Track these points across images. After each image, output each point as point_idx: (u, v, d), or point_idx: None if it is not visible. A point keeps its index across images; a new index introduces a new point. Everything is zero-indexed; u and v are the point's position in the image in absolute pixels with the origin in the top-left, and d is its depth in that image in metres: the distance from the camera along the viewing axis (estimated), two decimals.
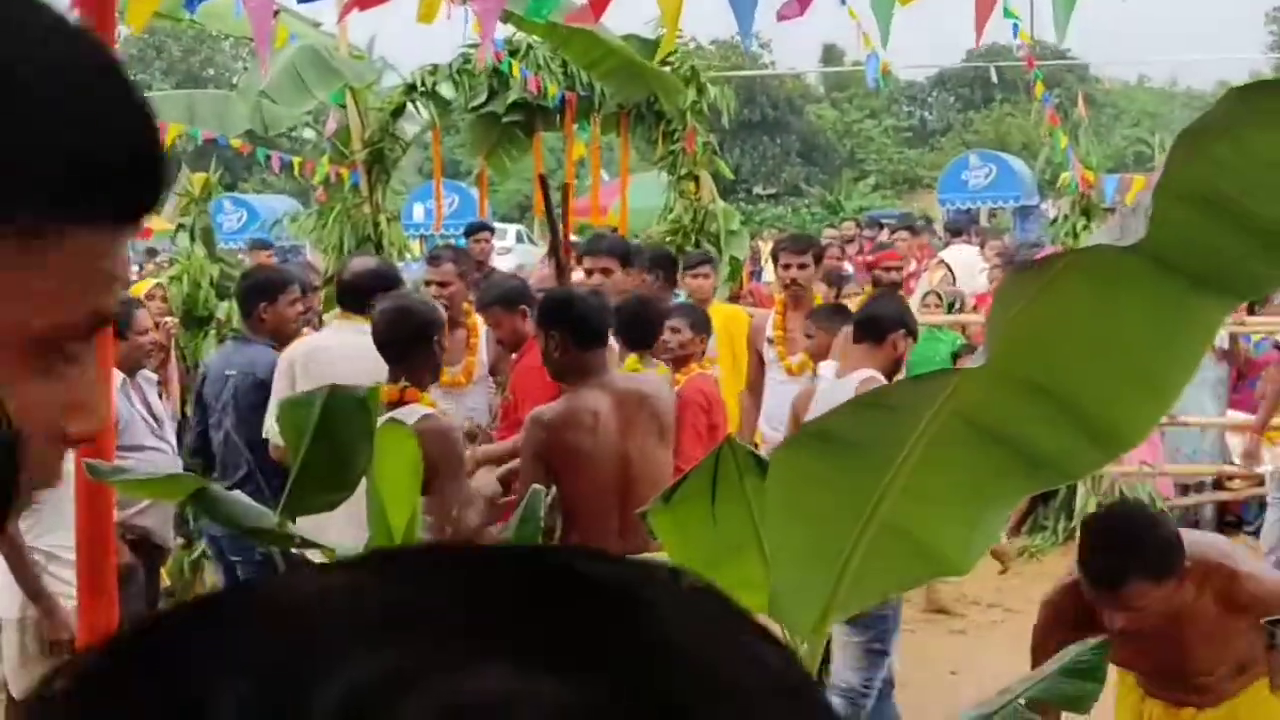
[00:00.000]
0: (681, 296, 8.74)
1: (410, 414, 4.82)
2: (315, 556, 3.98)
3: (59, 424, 0.90)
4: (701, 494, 2.89)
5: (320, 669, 0.40)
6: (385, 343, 5.24)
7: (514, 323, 6.71)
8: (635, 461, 5.12)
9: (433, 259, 7.50)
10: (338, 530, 4.29)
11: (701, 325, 7.04)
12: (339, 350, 6.06)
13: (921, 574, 2.52)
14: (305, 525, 3.62)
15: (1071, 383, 2.08)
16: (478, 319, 7.31)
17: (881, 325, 5.79)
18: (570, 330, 5.13)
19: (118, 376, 5.63)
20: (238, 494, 3.74)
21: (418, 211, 21.99)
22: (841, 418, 2.24)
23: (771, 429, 7.42)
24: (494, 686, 0.40)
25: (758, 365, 7.84)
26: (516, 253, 25.59)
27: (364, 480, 3.62)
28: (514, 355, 6.90)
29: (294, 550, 3.86)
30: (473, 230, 12.48)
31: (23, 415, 0.85)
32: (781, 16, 4.10)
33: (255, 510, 3.67)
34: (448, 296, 7.31)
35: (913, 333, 5.96)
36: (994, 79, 36.65)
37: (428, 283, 7.47)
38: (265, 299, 6.68)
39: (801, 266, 7.83)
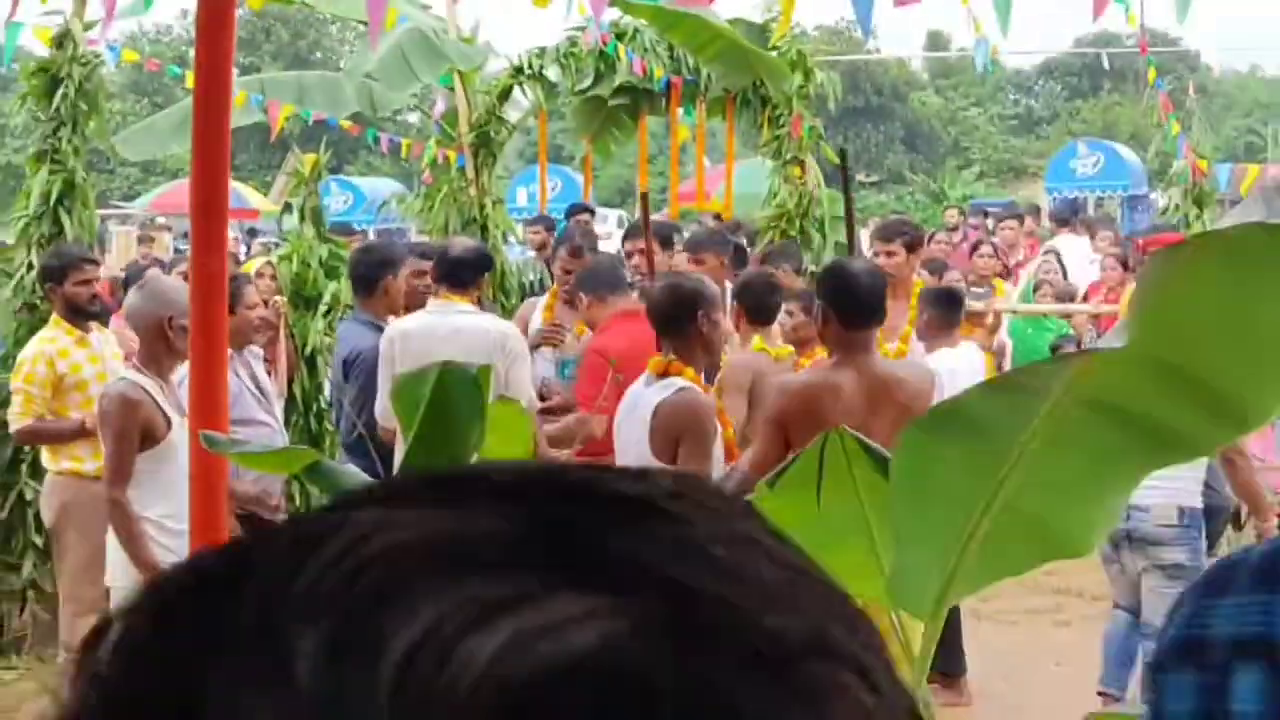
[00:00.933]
0: None
1: (669, 386, 4.96)
2: None
3: None
4: (807, 480, 2.86)
5: (394, 606, 0.41)
6: (656, 316, 5.44)
7: (605, 308, 6.72)
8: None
9: (575, 251, 7.68)
10: None
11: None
12: (439, 330, 6.14)
13: (1043, 555, 2.49)
14: None
15: (1204, 361, 2.04)
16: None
17: None
18: (837, 306, 5.22)
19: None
20: (350, 467, 3.77)
21: (521, 195, 22.09)
22: (971, 399, 2.22)
23: None
24: (560, 614, 0.41)
25: None
26: (617, 238, 25.62)
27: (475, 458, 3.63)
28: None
29: None
30: (574, 211, 12.54)
31: None
32: (899, 3, 4.07)
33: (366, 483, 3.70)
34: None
35: None
36: (1106, 66, 36.08)
37: (566, 271, 7.60)
38: (389, 271, 6.80)
39: (889, 254, 7.74)
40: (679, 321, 5.29)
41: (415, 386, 3.66)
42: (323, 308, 9.00)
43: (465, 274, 6.52)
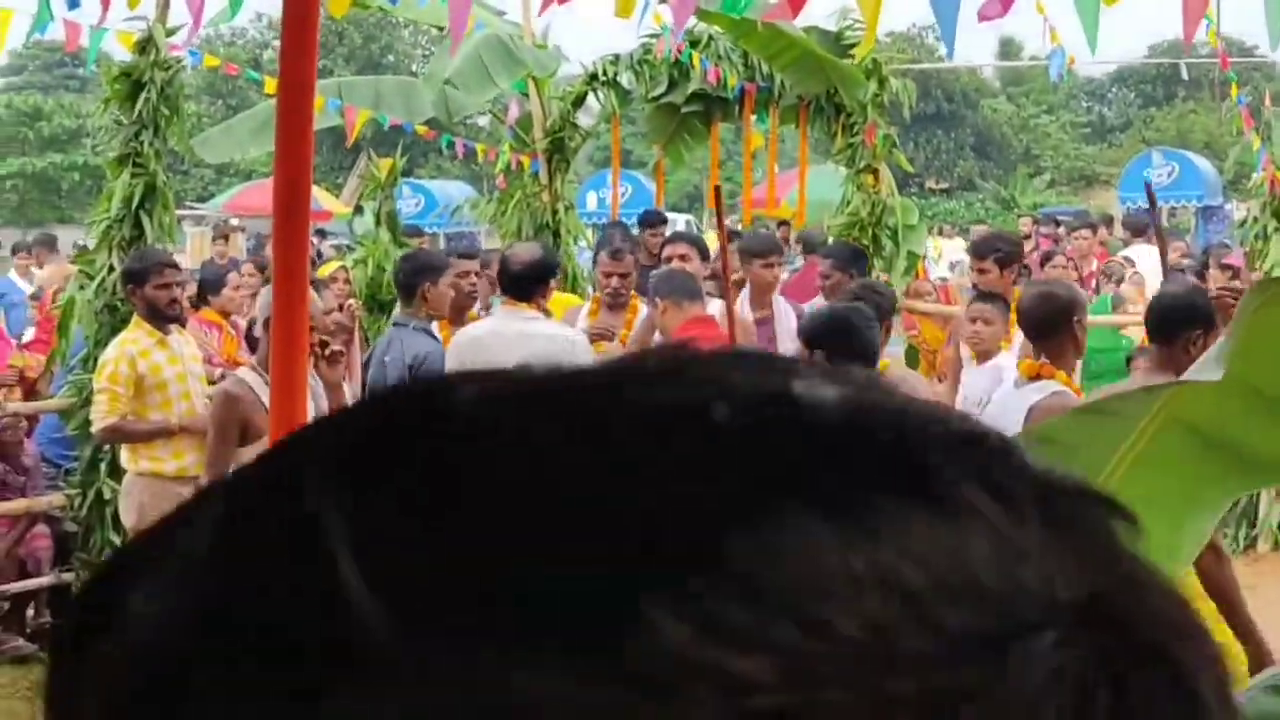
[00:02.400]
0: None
1: (1043, 389, 5.04)
2: None
3: None
4: None
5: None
6: (1029, 322, 5.63)
7: (680, 314, 6.73)
8: None
9: (615, 253, 7.62)
10: None
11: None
12: (507, 336, 6.18)
13: None
14: None
15: None
16: (639, 302, 7.61)
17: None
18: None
19: None
20: None
21: (591, 200, 22.14)
22: (1063, 424, 2.23)
23: None
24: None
25: (955, 360, 7.76)
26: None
27: None
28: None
29: None
30: (649, 223, 12.54)
31: None
32: (983, 17, 4.05)
33: None
34: (626, 288, 7.50)
35: None
36: (1185, 77, 35.67)
37: (607, 274, 7.57)
38: (428, 278, 6.84)
39: (982, 271, 7.71)
40: (1054, 327, 5.44)
41: None
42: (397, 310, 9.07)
43: (528, 286, 6.57)
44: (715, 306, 7.19)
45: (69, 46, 8.30)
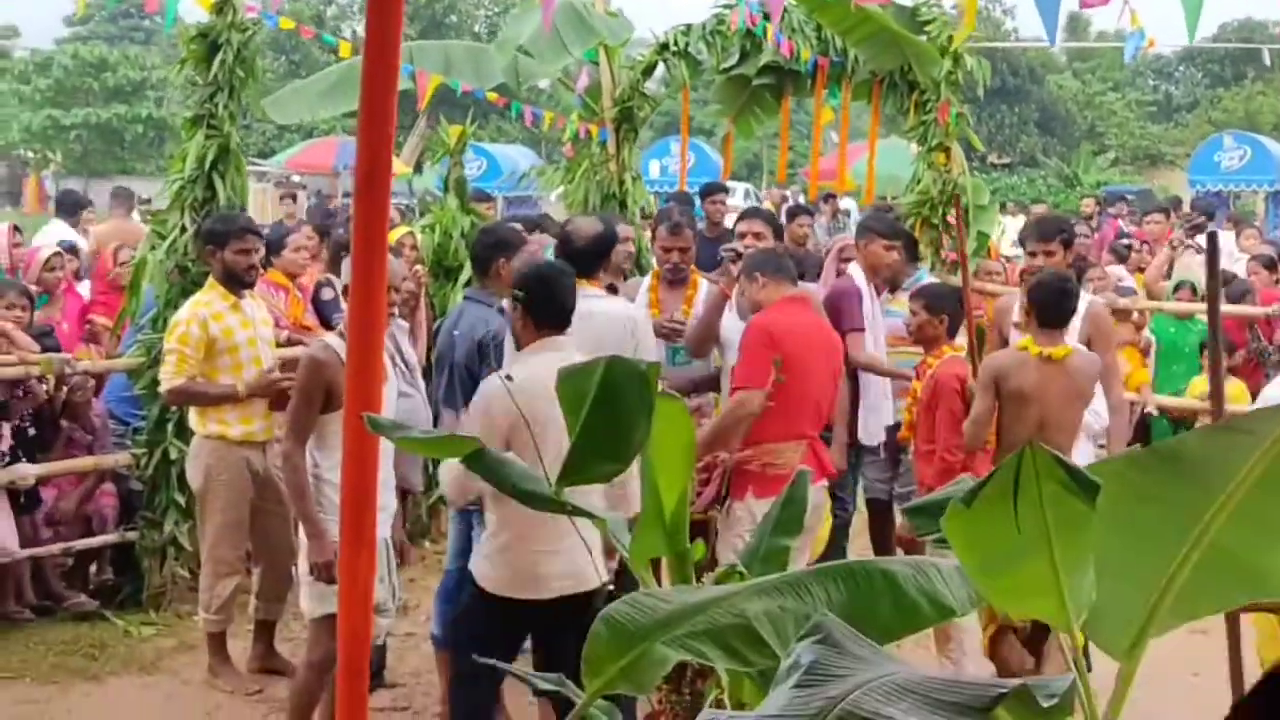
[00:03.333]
0: (923, 273, 8.59)
1: None
2: (584, 526, 3.98)
3: None
4: (1003, 496, 2.79)
5: None
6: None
7: (778, 291, 6.62)
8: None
9: (675, 228, 7.52)
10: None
11: (940, 306, 6.88)
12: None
13: (1248, 594, 2.41)
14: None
15: None
16: (699, 278, 7.54)
17: None
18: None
19: None
20: (512, 456, 3.75)
21: (653, 168, 22.07)
22: (1191, 441, 2.17)
23: None
24: None
25: (1001, 346, 7.59)
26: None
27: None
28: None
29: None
30: (710, 191, 12.50)
31: None
32: (1085, 4, 3.96)
33: (529, 474, 3.68)
34: (685, 263, 7.43)
35: None
36: (1267, 62, 35.08)
37: (666, 249, 7.50)
38: (504, 254, 6.75)
39: (1049, 254, 7.52)
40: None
41: (582, 378, 3.64)
42: (463, 277, 9.04)
43: (591, 262, 6.49)
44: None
45: (149, 6, 8.29)
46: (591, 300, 6.33)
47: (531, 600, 5.39)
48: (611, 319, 6.29)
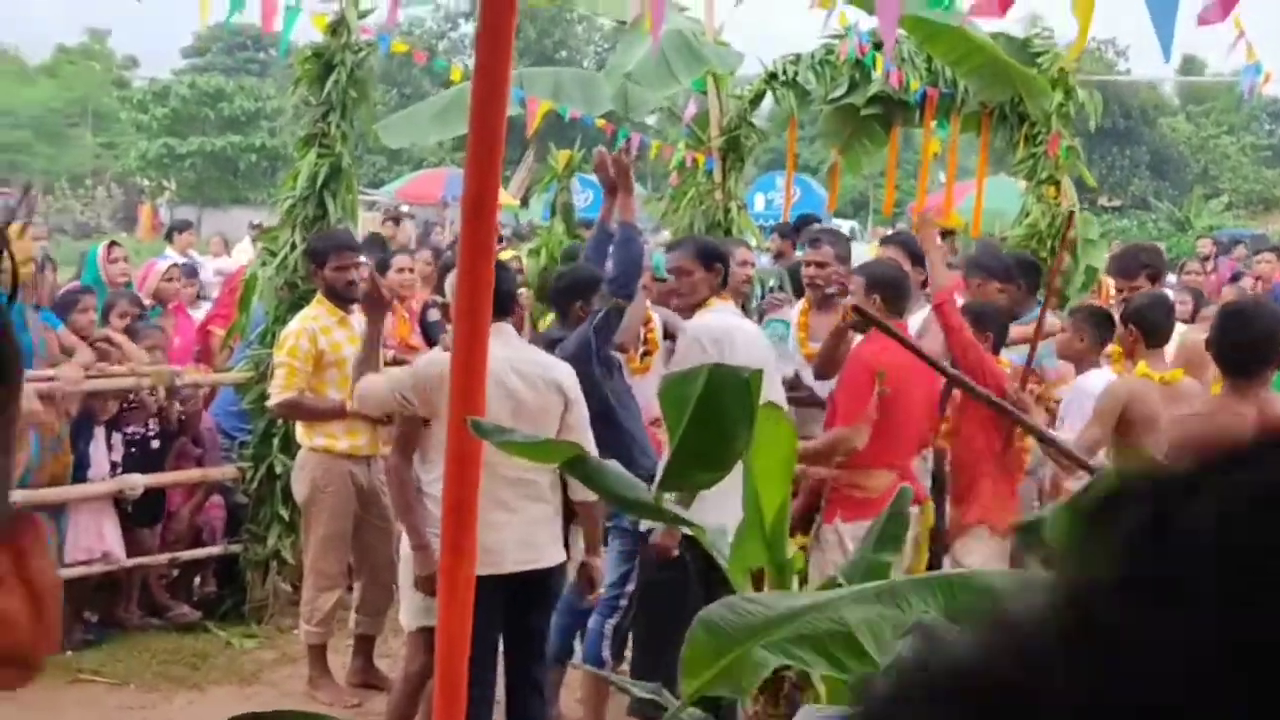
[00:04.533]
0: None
1: None
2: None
3: None
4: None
5: None
6: None
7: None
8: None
9: (813, 242, 7.60)
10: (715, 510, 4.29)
11: (983, 323, 6.81)
12: (747, 334, 6.29)
13: None
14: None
15: None
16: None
17: None
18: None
19: None
20: (614, 464, 3.76)
21: (758, 201, 22.06)
22: None
23: None
24: None
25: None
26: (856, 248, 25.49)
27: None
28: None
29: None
30: (804, 221, 12.46)
31: None
32: (1202, 21, 3.91)
33: (630, 482, 3.68)
34: (824, 277, 7.42)
35: None
36: None
37: (807, 263, 7.55)
38: (580, 298, 6.65)
39: (1135, 289, 7.41)
40: None
41: (684, 385, 3.64)
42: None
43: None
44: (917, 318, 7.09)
45: (265, 27, 8.44)
46: (739, 318, 6.51)
47: (489, 575, 5.22)
48: (756, 334, 6.55)
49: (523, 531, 5.60)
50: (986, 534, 6.43)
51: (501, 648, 5.77)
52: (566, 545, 5.99)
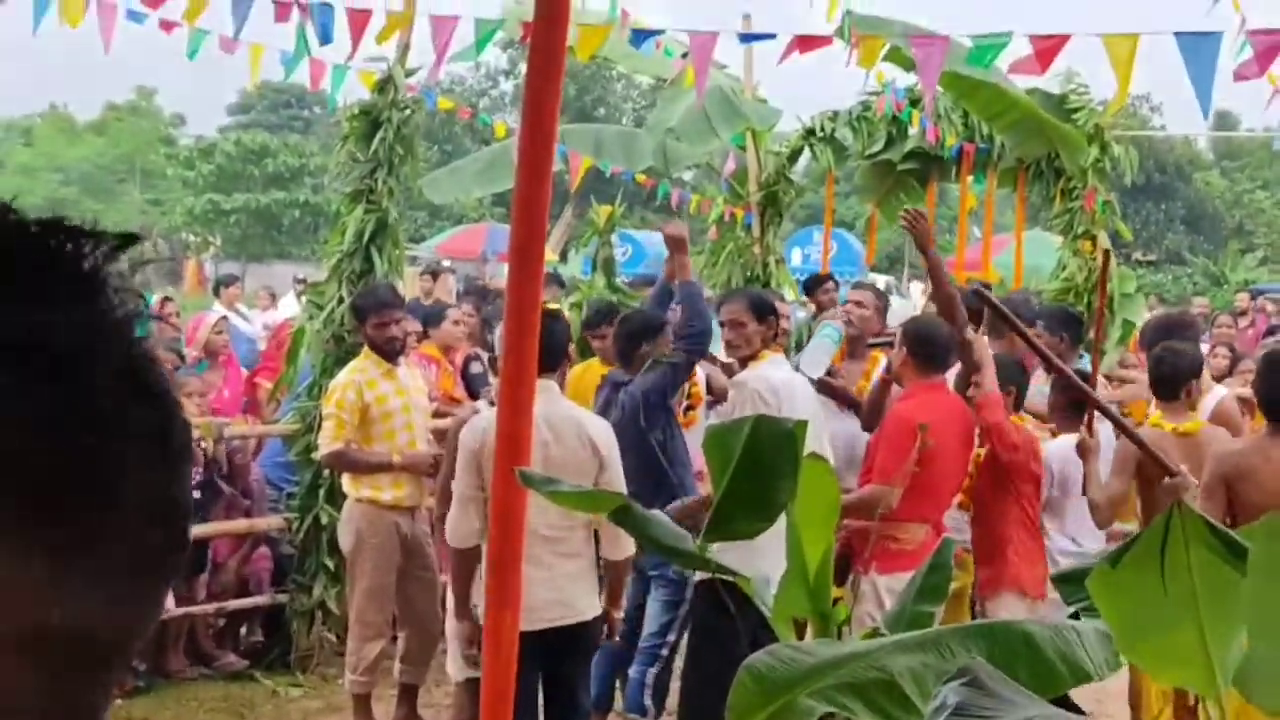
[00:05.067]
0: (1085, 359, 8.48)
1: None
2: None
3: None
4: (1150, 559, 2.77)
5: None
6: None
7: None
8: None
9: (857, 285, 7.69)
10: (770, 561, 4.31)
11: (1005, 379, 6.83)
12: (792, 386, 6.33)
13: None
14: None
15: None
16: (880, 354, 7.63)
17: None
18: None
19: None
20: (658, 514, 3.79)
21: (795, 255, 22.12)
22: None
23: None
24: None
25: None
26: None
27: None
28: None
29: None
30: (815, 284, 12.27)
31: None
32: (1239, 76, 3.95)
33: (674, 532, 3.71)
34: (859, 318, 7.48)
35: None
36: None
37: (852, 302, 7.64)
38: (645, 341, 6.80)
39: None
40: None
41: (729, 436, 3.67)
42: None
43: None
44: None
45: (312, 85, 8.57)
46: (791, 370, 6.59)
47: (524, 631, 5.31)
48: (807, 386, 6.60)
49: (556, 587, 5.63)
50: (1015, 598, 6.37)
51: (541, 699, 5.79)
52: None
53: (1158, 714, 6.43)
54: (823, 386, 7.16)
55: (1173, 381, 6.52)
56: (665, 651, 6.48)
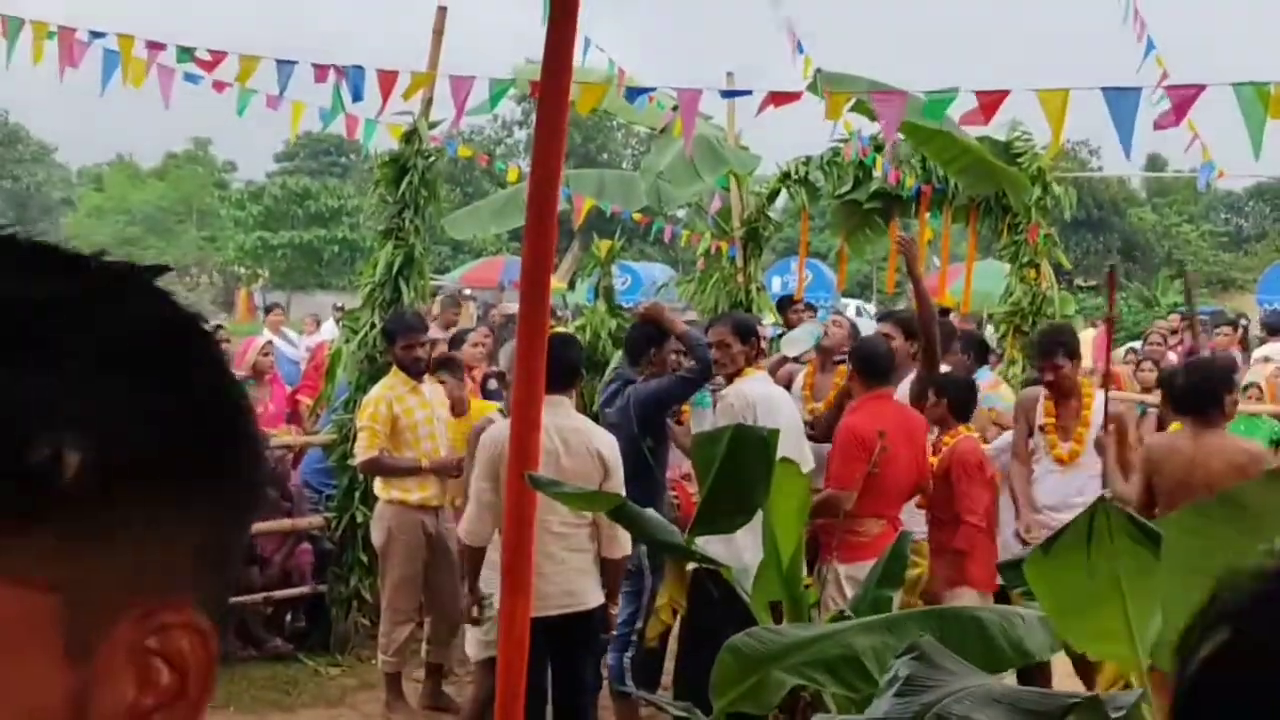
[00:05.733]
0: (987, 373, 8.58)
1: None
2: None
3: None
4: (1078, 547, 2.79)
5: None
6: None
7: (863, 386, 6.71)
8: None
9: (837, 313, 7.77)
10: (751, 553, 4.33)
11: (943, 391, 6.86)
12: (772, 401, 6.34)
13: None
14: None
15: None
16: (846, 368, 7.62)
17: None
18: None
19: None
20: (651, 511, 3.82)
21: (775, 283, 22.12)
22: (1250, 489, 2.17)
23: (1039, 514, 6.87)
24: None
25: (1025, 438, 7.18)
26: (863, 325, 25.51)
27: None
28: None
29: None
30: (787, 302, 12.31)
31: None
32: (1159, 126, 4.00)
33: (667, 527, 3.74)
34: (833, 335, 7.56)
35: None
36: None
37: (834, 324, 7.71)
38: (655, 345, 6.88)
39: (1057, 369, 7.17)
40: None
41: (712, 444, 3.70)
42: (608, 374, 9.16)
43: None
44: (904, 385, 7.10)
45: (349, 135, 8.62)
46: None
47: (537, 618, 5.32)
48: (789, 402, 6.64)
49: (566, 579, 5.66)
50: (971, 595, 6.28)
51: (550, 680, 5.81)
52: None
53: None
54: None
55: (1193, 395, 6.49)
56: (635, 637, 6.51)
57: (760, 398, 6.33)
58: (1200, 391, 6.11)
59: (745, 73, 9.85)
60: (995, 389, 8.48)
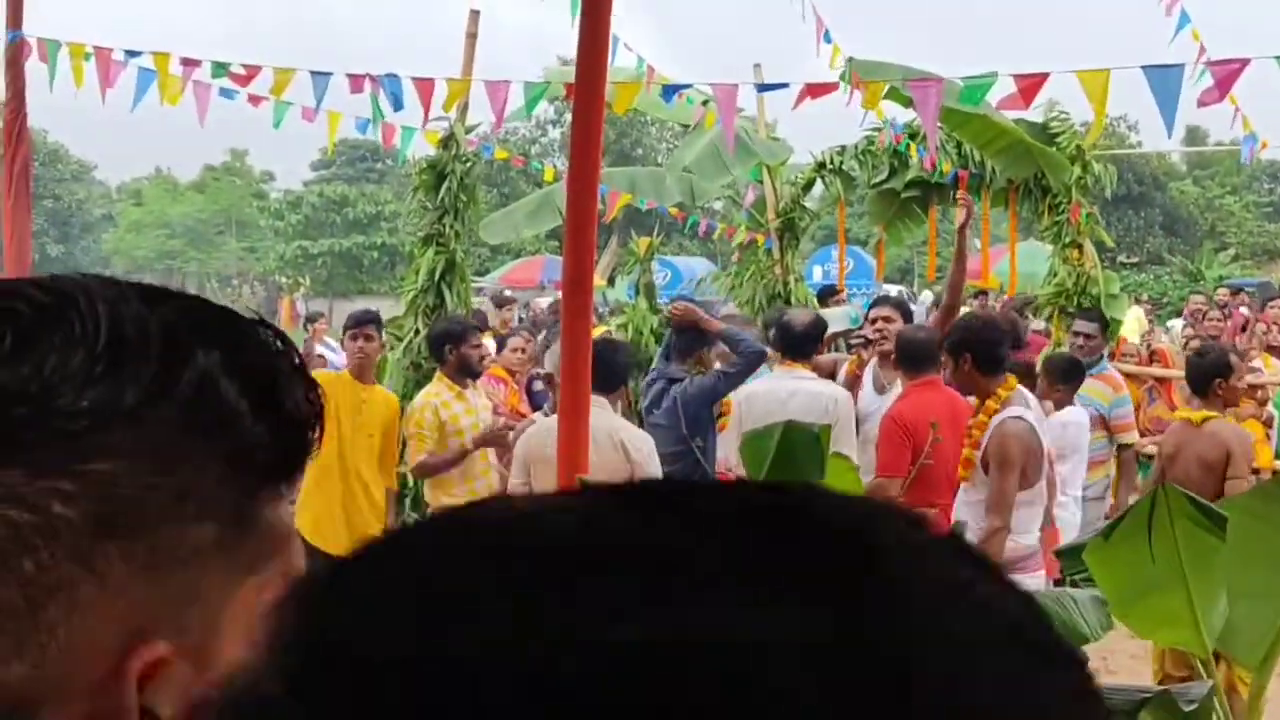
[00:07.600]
0: None
1: None
2: None
3: None
4: (1139, 531, 2.77)
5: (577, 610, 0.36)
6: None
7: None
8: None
9: (881, 300, 7.76)
10: None
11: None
12: (779, 393, 6.23)
13: None
14: None
15: None
16: None
17: None
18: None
19: None
20: None
21: (816, 272, 22.08)
22: (1260, 493, 2.15)
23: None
24: (718, 621, 0.35)
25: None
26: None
27: None
28: None
29: None
30: (828, 294, 12.27)
31: None
32: (1202, 103, 3.96)
33: None
34: (888, 333, 7.45)
35: None
36: None
37: (872, 319, 7.54)
38: (706, 345, 6.89)
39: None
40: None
41: (763, 441, 3.70)
42: (650, 374, 9.16)
43: (807, 346, 6.59)
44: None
45: (386, 143, 8.65)
46: (801, 380, 6.47)
47: None
48: (813, 397, 6.40)
49: None
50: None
51: None
52: None
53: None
54: None
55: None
56: None
57: (744, 394, 6.42)
58: (1191, 380, 6.45)
59: (771, 61, 9.83)
60: None
